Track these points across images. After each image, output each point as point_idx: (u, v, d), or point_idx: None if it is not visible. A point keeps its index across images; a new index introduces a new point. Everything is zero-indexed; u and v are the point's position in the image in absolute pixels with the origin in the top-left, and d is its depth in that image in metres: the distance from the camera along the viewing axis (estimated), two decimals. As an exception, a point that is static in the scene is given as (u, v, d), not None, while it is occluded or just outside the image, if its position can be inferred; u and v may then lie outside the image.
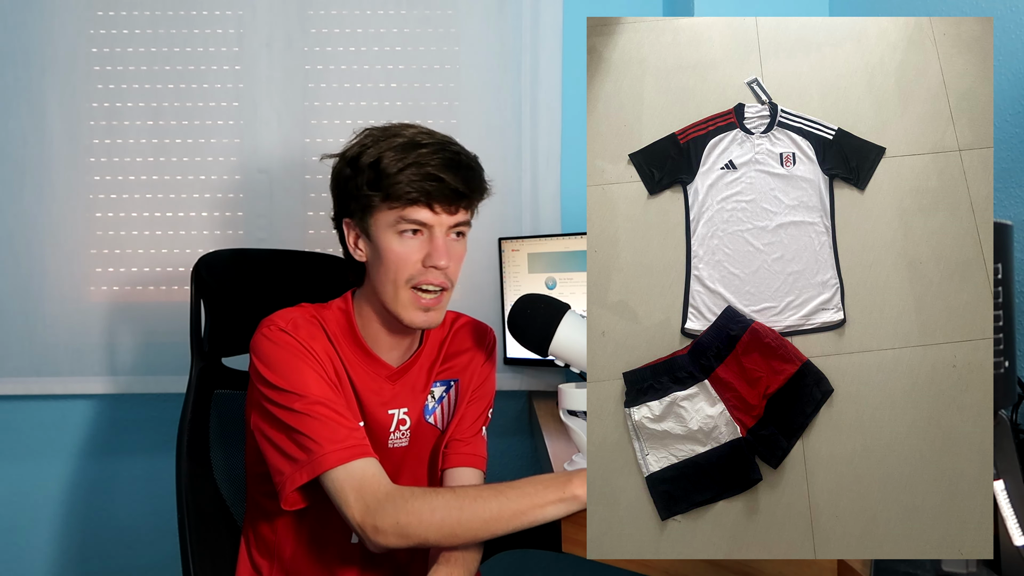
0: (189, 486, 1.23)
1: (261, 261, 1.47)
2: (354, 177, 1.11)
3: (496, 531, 1.00)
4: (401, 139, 1.10)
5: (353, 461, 1.03)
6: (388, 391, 1.20)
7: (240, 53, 1.92)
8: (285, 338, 1.10)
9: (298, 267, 1.50)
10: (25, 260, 1.87)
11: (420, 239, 1.11)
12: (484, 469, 1.27)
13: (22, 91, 1.86)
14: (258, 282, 1.41)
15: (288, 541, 1.21)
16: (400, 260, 1.10)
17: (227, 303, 1.36)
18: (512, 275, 1.78)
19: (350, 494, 1.02)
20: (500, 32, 1.91)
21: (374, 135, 1.13)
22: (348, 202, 1.14)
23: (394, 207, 1.08)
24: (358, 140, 1.14)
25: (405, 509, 1.00)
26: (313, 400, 1.06)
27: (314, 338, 1.12)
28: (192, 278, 1.31)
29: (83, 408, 1.94)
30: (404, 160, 1.07)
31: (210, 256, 1.35)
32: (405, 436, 1.23)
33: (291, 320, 1.13)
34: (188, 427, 1.25)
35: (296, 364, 1.09)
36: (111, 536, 1.95)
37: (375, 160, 1.08)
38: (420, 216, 1.09)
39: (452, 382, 1.28)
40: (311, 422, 1.05)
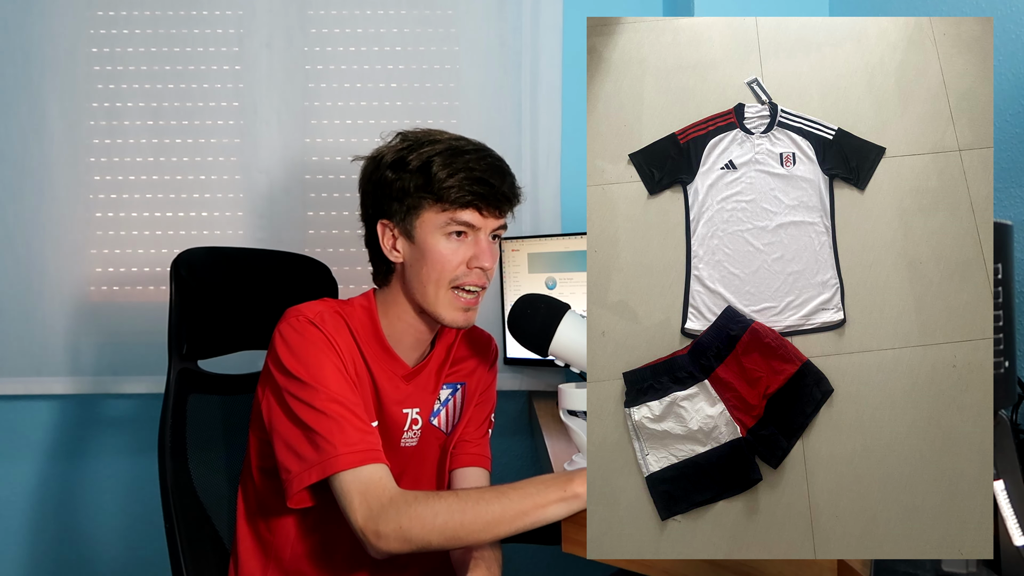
0: (175, 486, 1.21)
1: (238, 260, 1.44)
2: (399, 179, 1.13)
3: (499, 533, 1.00)
4: (442, 144, 1.13)
5: (364, 466, 1.04)
6: (404, 390, 1.22)
7: (240, 53, 1.92)
8: (312, 330, 1.11)
9: (274, 268, 1.48)
10: (25, 260, 1.87)
11: (465, 241, 1.13)
12: (490, 469, 1.29)
13: (22, 91, 1.87)
14: (235, 283, 1.38)
15: (287, 541, 1.21)
16: (446, 260, 1.12)
17: (204, 304, 1.31)
18: (512, 275, 1.78)
19: (355, 498, 1.02)
20: (500, 32, 1.91)
21: (411, 139, 1.15)
22: (389, 203, 1.15)
23: (446, 209, 1.11)
24: (395, 144, 1.16)
25: (408, 514, 1.00)
26: (330, 397, 1.07)
27: (339, 332, 1.13)
28: (171, 276, 1.26)
29: (83, 408, 1.94)
30: (453, 165, 1.10)
31: (187, 253, 1.30)
32: (416, 436, 1.24)
33: (318, 313, 1.14)
34: (170, 428, 1.23)
35: (319, 357, 1.09)
36: (113, 536, 1.95)
37: (424, 164, 1.11)
38: (469, 218, 1.12)
39: (459, 385, 1.29)
40: (326, 421, 1.05)
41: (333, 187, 1.93)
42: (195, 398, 1.29)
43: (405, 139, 1.16)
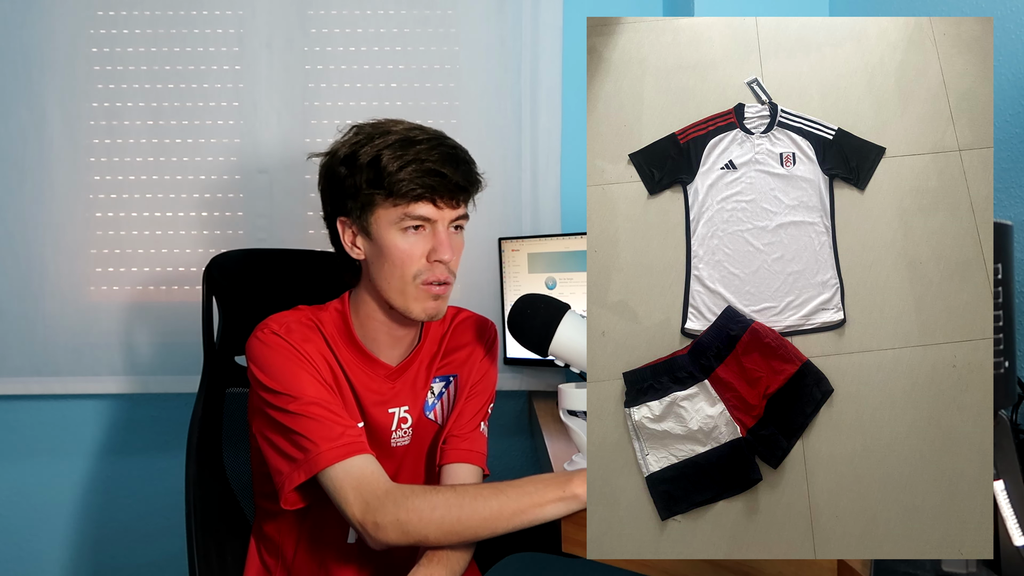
0: (197, 485, 1.23)
1: (271, 261, 1.48)
2: (351, 175, 1.11)
3: (496, 529, 1.00)
4: (395, 136, 1.10)
5: (350, 458, 1.04)
6: (388, 390, 1.20)
7: (240, 53, 1.92)
8: (278, 341, 1.10)
9: (307, 266, 1.50)
10: (25, 260, 1.87)
11: (423, 234, 1.11)
12: (483, 465, 1.24)
13: (22, 91, 1.86)
14: (268, 281, 1.42)
15: (289, 541, 1.21)
16: (405, 256, 1.10)
17: (239, 302, 1.36)
18: (512, 275, 1.78)
19: (349, 492, 1.02)
20: (500, 32, 1.91)
21: (364, 132, 1.13)
22: (344, 200, 1.13)
23: (398, 204, 1.09)
24: (348, 138, 1.14)
25: (405, 506, 1.00)
26: (308, 401, 1.07)
27: (308, 340, 1.12)
28: (204, 278, 1.32)
29: (83, 408, 1.94)
30: (404, 157, 1.08)
31: (222, 256, 1.37)
32: (407, 435, 1.23)
33: (284, 324, 1.13)
34: (199, 426, 1.25)
35: (290, 367, 1.09)
36: (119, 536, 1.95)
37: (374, 158, 1.09)
38: (424, 212, 1.09)
39: (451, 377, 1.28)
40: (306, 422, 1.05)
41: (333, 187, 1.93)
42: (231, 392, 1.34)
43: (359, 132, 1.13)
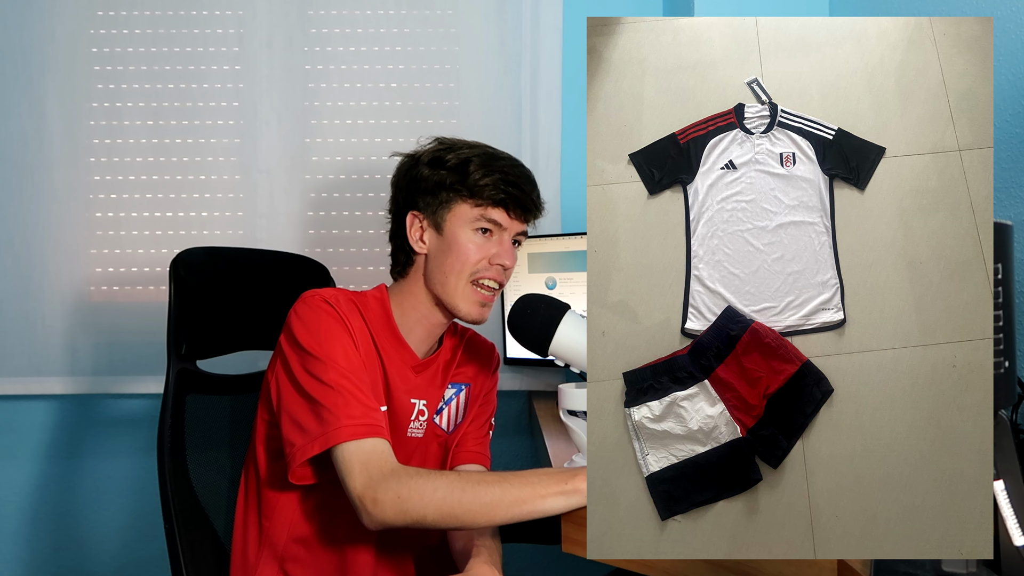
0: (174, 486, 1.21)
1: (237, 260, 1.44)
2: (435, 175, 1.19)
3: (496, 517, 1.00)
4: (479, 149, 1.21)
5: (367, 438, 1.05)
6: (413, 380, 1.24)
7: (240, 53, 1.92)
8: (327, 307, 1.15)
9: (273, 268, 1.49)
10: (25, 260, 1.87)
11: (491, 239, 1.19)
12: (489, 468, 1.31)
13: (22, 91, 1.87)
14: (234, 283, 1.38)
15: (284, 526, 1.20)
16: (470, 253, 1.18)
17: (203, 304, 1.31)
18: (512, 275, 1.78)
19: (356, 466, 1.03)
20: (500, 32, 1.91)
21: (448, 143, 1.23)
22: (422, 196, 1.21)
23: (478, 204, 1.17)
24: (432, 146, 1.23)
25: (408, 484, 1.01)
26: (339, 372, 1.09)
27: (352, 315, 1.17)
28: (170, 276, 1.26)
29: (82, 408, 1.94)
30: (490, 166, 1.18)
31: (186, 253, 1.30)
32: (422, 428, 1.26)
33: (333, 295, 1.18)
34: (169, 428, 1.23)
35: (331, 332, 1.12)
36: (100, 534, 1.95)
37: (462, 162, 1.18)
38: (498, 217, 1.18)
39: (464, 386, 1.32)
40: (332, 395, 1.07)
41: (333, 187, 1.93)
42: (193, 398, 1.29)
43: (442, 142, 1.23)
